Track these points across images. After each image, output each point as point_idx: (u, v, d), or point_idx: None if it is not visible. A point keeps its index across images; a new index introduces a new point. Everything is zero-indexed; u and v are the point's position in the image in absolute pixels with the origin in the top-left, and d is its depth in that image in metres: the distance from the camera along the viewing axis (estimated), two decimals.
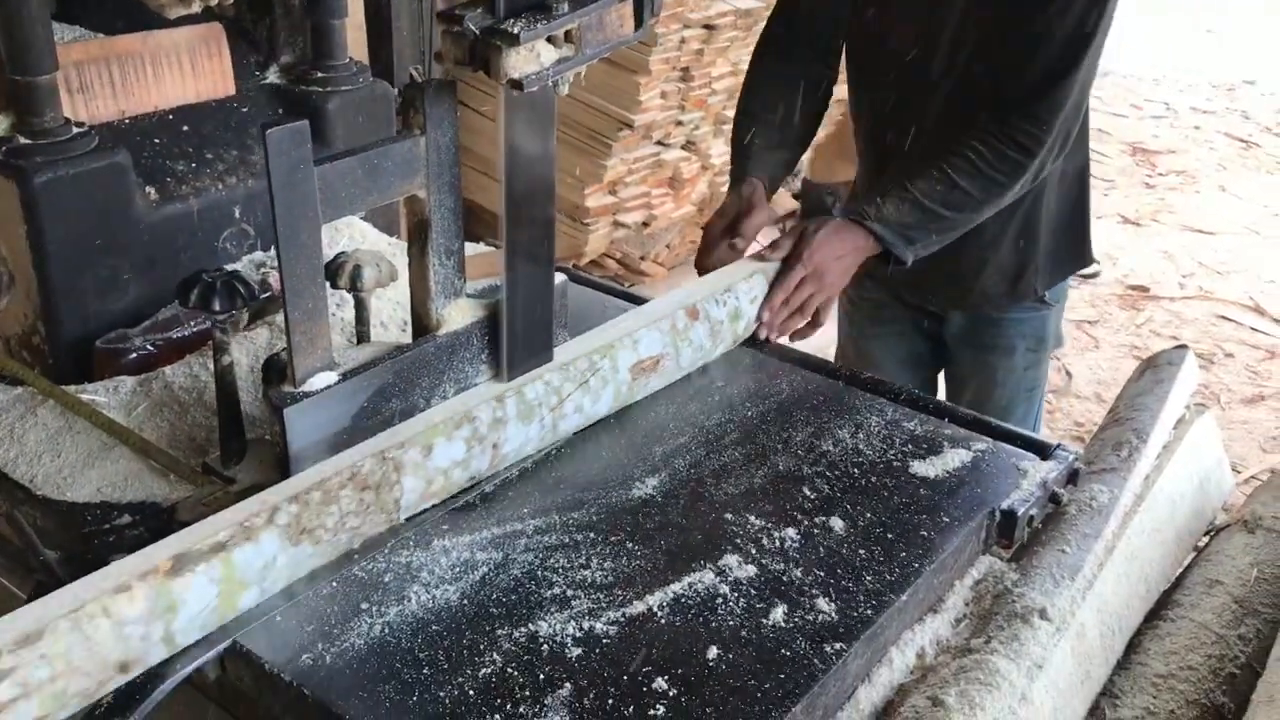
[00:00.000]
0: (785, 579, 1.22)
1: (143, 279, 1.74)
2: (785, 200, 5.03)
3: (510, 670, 1.08)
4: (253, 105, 1.98)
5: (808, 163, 4.82)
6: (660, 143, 4.48)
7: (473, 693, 1.05)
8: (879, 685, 1.19)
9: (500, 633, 1.12)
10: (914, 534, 1.30)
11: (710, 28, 4.32)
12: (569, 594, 1.18)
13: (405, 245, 1.36)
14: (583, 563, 1.23)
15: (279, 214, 1.14)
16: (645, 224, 4.54)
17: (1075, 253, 2.04)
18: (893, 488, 1.38)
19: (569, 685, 1.06)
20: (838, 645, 1.12)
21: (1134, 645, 1.39)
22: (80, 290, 1.67)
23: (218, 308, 1.34)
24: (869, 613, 1.17)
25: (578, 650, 1.11)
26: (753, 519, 1.31)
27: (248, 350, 1.62)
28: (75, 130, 1.65)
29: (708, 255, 1.80)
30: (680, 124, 4.49)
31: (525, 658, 1.09)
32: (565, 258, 4.24)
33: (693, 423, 1.50)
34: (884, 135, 1.98)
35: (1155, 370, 1.78)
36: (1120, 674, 1.35)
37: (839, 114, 3.95)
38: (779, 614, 1.16)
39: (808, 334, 1.75)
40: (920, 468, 1.42)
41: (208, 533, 1.09)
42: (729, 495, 1.36)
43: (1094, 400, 4.05)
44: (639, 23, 1.31)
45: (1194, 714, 1.29)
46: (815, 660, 1.11)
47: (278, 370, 1.26)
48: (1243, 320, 4.73)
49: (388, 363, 1.30)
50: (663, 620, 1.15)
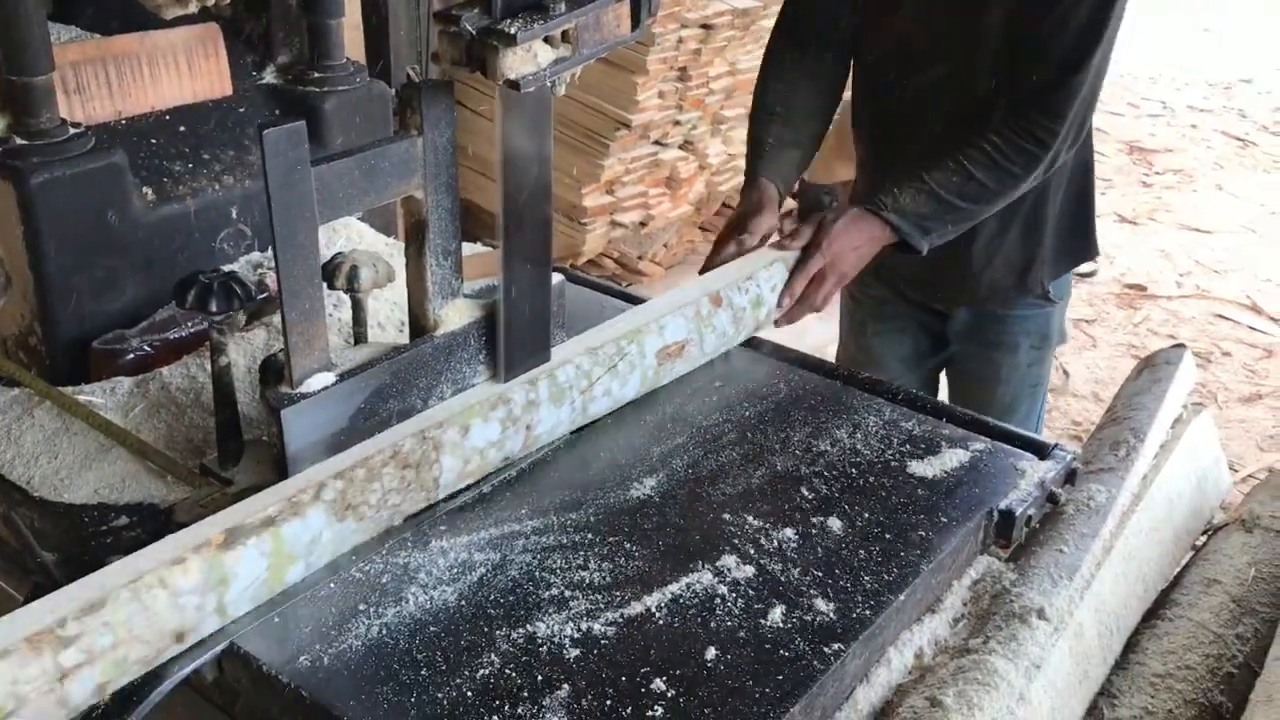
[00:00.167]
0: (783, 579, 1.22)
1: (140, 280, 1.74)
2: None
3: (508, 671, 1.08)
4: (250, 105, 1.97)
5: None
6: (658, 142, 4.47)
7: (471, 694, 1.05)
8: (877, 686, 1.19)
9: (498, 634, 1.12)
10: (912, 534, 1.30)
11: (708, 27, 4.32)
12: (567, 595, 1.18)
13: (402, 245, 1.36)
14: (581, 563, 1.23)
15: (276, 214, 1.14)
16: (643, 224, 4.53)
17: (1081, 244, 2.05)
18: (891, 488, 1.38)
19: (567, 686, 1.06)
20: (836, 646, 1.13)
21: (1132, 645, 1.39)
22: (77, 291, 1.67)
23: (215, 309, 1.34)
24: (867, 613, 1.17)
25: (576, 651, 1.11)
26: (751, 519, 1.31)
27: (245, 351, 1.62)
28: (72, 131, 1.64)
29: (715, 254, 1.81)
30: (678, 124, 4.49)
31: (523, 659, 1.09)
32: (562, 257, 4.23)
33: (690, 423, 1.50)
34: (888, 134, 1.98)
35: (1153, 369, 1.78)
36: (1118, 674, 1.35)
37: (837, 114, 3.94)
38: (777, 614, 1.16)
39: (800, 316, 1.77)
40: (918, 468, 1.43)
41: (258, 508, 1.13)
42: (727, 495, 1.36)
43: (1091, 399, 4.05)
44: (636, 23, 1.31)
45: (1192, 713, 1.29)
46: (813, 661, 1.11)
47: (275, 371, 1.26)
48: (1240, 319, 4.74)
49: (385, 363, 1.29)
50: (661, 621, 1.15)
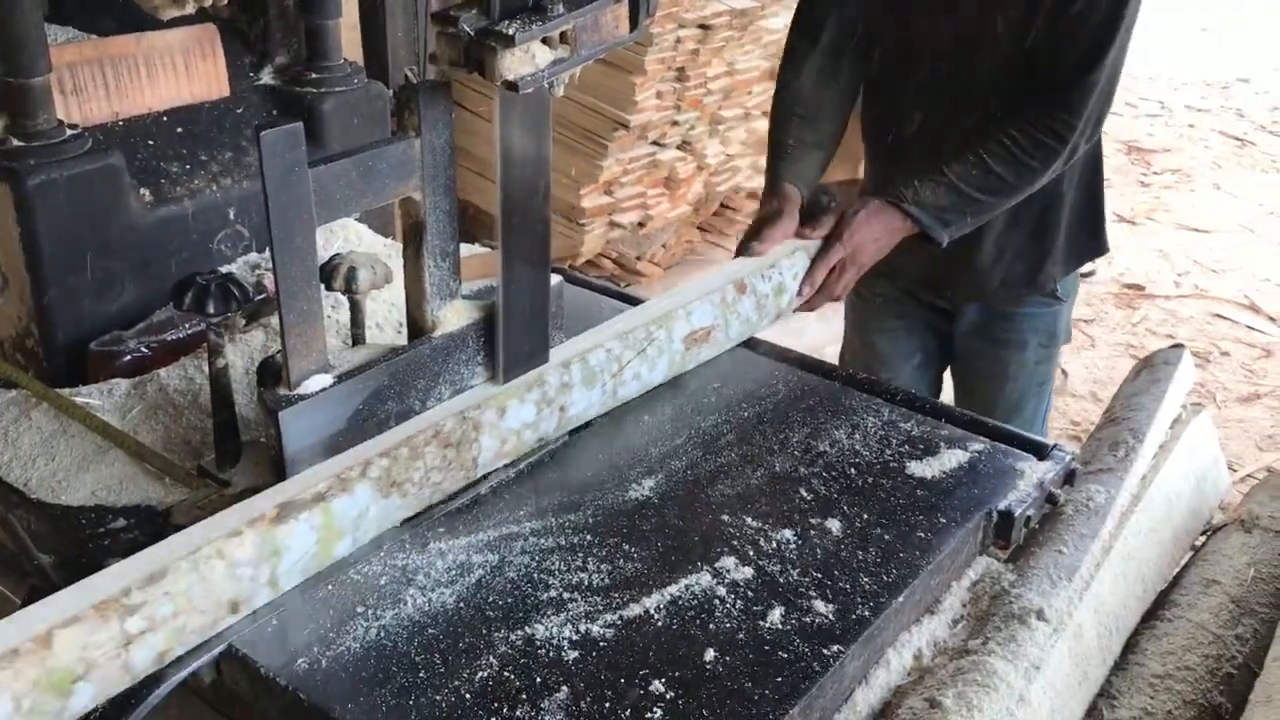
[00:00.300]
0: (782, 581, 1.21)
1: (137, 281, 1.74)
2: None
3: (507, 674, 1.08)
4: (247, 107, 1.97)
5: None
6: (656, 143, 4.47)
7: (469, 696, 1.05)
8: (876, 687, 1.19)
9: (497, 636, 1.12)
10: (911, 535, 1.30)
11: (706, 28, 4.32)
12: (566, 596, 1.18)
13: (400, 247, 1.36)
14: (579, 565, 1.23)
15: (273, 216, 1.14)
16: (641, 224, 4.53)
17: (1091, 240, 2.06)
18: (890, 489, 1.38)
19: (566, 688, 1.06)
20: (835, 647, 1.12)
21: (1131, 646, 1.39)
22: (74, 293, 1.67)
23: (212, 310, 1.34)
24: (866, 614, 1.17)
25: (574, 653, 1.10)
26: (749, 520, 1.31)
27: (243, 353, 1.62)
28: (69, 132, 1.64)
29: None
30: (676, 124, 4.49)
31: (522, 661, 1.09)
32: (561, 258, 4.23)
33: (689, 424, 1.50)
34: (892, 132, 1.98)
35: (1151, 370, 1.78)
36: (1118, 674, 1.34)
37: None
38: (776, 616, 1.16)
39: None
40: (917, 468, 1.42)
41: (309, 483, 1.17)
42: (726, 497, 1.35)
43: (1090, 399, 4.05)
44: (634, 23, 1.30)
45: (1191, 714, 1.29)
46: (812, 662, 1.10)
47: (273, 373, 1.26)
48: (1238, 319, 4.74)
49: (383, 365, 1.29)
50: (660, 622, 1.15)
